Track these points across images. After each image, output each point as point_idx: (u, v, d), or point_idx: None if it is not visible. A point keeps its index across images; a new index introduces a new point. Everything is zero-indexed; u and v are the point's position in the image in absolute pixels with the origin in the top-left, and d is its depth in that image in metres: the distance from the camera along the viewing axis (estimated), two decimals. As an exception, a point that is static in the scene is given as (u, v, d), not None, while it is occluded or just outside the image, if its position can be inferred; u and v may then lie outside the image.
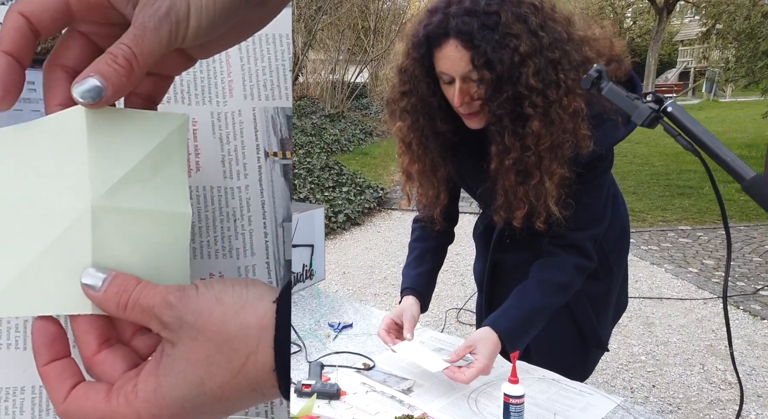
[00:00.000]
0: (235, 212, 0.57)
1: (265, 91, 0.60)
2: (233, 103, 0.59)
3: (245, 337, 0.40)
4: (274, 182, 0.59)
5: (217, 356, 0.40)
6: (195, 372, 0.40)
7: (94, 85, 0.40)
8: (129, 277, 0.42)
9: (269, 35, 0.61)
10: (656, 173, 6.68)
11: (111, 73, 0.40)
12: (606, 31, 1.07)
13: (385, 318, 1.18)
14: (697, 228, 4.71)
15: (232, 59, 0.60)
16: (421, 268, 1.27)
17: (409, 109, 1.06)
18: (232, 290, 0.42)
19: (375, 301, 3.46)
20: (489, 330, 1.06)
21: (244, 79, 0.60)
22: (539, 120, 0.95)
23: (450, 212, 1.30)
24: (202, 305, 0.41)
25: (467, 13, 0.92)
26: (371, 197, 5.50)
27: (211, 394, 0.41)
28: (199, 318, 0.40)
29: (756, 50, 6.77)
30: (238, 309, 0.41)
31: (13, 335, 0.53)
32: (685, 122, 0.79)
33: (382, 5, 10.29)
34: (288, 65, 0.61)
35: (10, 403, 0.53)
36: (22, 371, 0.53)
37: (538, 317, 1.09)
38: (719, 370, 2.59)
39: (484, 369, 1.03)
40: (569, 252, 1.11)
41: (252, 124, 0.59)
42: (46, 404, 0.53)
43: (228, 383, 0.41)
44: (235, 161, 0.58)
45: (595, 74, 0.86)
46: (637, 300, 3.30)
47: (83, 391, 0.41)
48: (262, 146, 0.59)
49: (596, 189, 1.10)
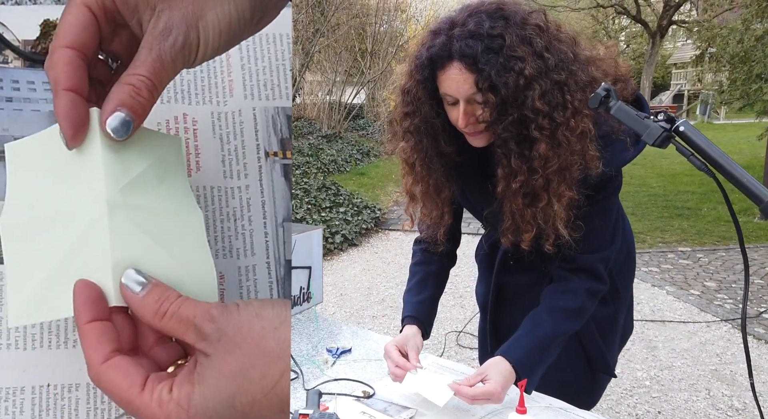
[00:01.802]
0: (236, 212, 0.57)
1: (266, 90, 0.60)
2: (233, 103, 0.59)
3: (282, 353, 0.41)
4: (274, 181, 0.58)
5: (251, 370, 0.40)
6: (228, 386, 0.40)
7: (125, 121, 0.43)
8: (171, 289, 0.42)
9: (269, 35, 0.60)
10: (654, 194, 6.68)
11: (137, 106, 0.43)
12: (611, 51, 1.06)
13: (388, 348, 1.13)
14: (697, 249, 4.69)
15: (233, 59, 0.60)
16: (422, 294, 1.23)
17: (412, 129, 1.04)
18: (271, 307, 0.42)
19: (373, 323, 3.40)
20: (501, 359, 1.02)
21: (244, 79, 0.59)
22: (546, 143, 0.93)
23: (453, 233, 1.27)
24: (242, 319, 0.41)
25: (471, 36, 0.91)
26: (369, 218, 5.47)
27: (241, 410, 0.40)
28: (239, 332, 0.40)
29: (750, 73, 6.83)
30: (277, 325, 0.41)
31: (13, 335, 0.54)
32: (698, 142, 0.77)
33: (379, 28, 10.41)
34: (288, 65, 0.61)
35: (10, 403, 0.52)
36: (22, 371, 0.53)
37: (552, 345, 1.06)
38: (725, 396, 2.53)
39: (494, 393, 0.99)
40: (580, 276, 1.08)
41: (252, 123, 0.59)
42: (46, 404, 0.53)
43: (259, 401, 0.41)
44: (236, 160, 0.58)
45: (603, 93, 0.84)
46: (640, 323, 3.25)
47: (123, 366, 0.41)
48: (263, 146, 0.59)
49: (606, 211, 1.08)
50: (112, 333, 0.42)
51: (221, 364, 0.40)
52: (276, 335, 0.41)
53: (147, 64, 0.42)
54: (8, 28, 0.58)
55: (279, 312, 0.42)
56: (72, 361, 0.53)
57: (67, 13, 0.42)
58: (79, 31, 0.41)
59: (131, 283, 0.42)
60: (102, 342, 0.41)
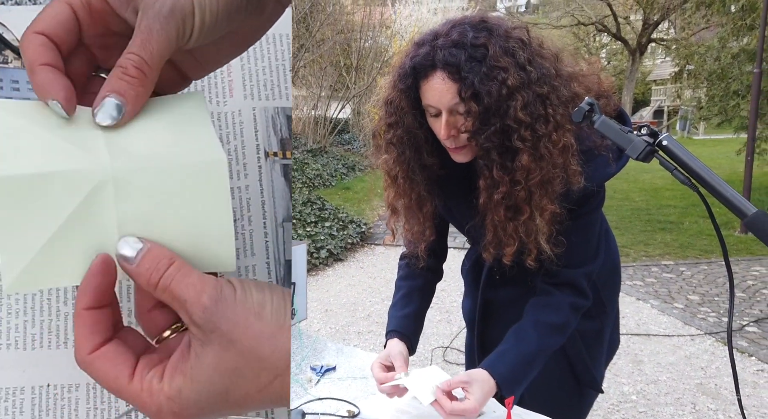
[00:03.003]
0: (235, 212, 0.57)
1: (265, 91, 0.60)
2: (233, 103, 0.59)
3: (277, 360, 0.40)
4: (274, 181, 0.59)
5: (246, 370, 0.39)
6: (222, 382, 0.39)
7: (114, 104, 0.40)
8: (162, 255, 0.40)
9: (269, 35, 0.60)
10: (637, 208, 6.76)
11: (125, 87, 0.40)
12: (593, 67, 1.07)
13: (373, 366, 1.10)
14: (680, 263, 4.74)
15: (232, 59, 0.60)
16: (407, 309, 1.21)
17: (395, 141, 1.04)
18: (271, 304, 0.40)
19: (359, 340, 3.36)
20: (486, 374, 1.01)
21: (244, 79, 0.59)
22: (528, 154, 0.93)
23: (436, 249, 1.26)
24: (239, 315, 0.39)
25: (454, 45, 0.91)
26: (354, 233, 5.45)
27: (234, 403, 0.40)
28: (235, 329, 0.39)
29: (727, 90, 7.00)
30: (275, 331, 0.40)
31: (13, 335, 0.54)
32: (681, 156, 0.77)
33: (364, 43, 10.49)
34: (288, 65, 0.61)
35: (10, 403, 0.52)
36: (22, 371, 0.53)
37: (536, 360, 1.05)
38: (710, 410, 2.53)
39: (472, 411, 0.97)
40: (564, 291, 1.08)
41: (252, 124, 0.59)
42: (46, 404, 0.53)
43: (252, 396, 0.40)
44: (236, 160, 0.58)
45: (586, 107, 0.84)
46: (625, 337, 3.26)
47: (111, 355, 0.40)
48: (263, 146, 0.59)
49: (589, 226, 1.08)
50: (107, 321, 0.41)
51: (217, 360, 0.39)
52: (272, 342, 0.40)
53: (136, 40, 0.40)
54: (8, 28, 0.59)
55: (279, 314, 0.40)
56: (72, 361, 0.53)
57: (48, 6, 0.41)
58: (54, 22, 0.40)
59: (126, 250, 0.40)
60: (93, 331, 0.40)
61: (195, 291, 0.39)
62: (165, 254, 0.40)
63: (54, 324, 0.54)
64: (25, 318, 0.55)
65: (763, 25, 5.23)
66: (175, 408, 0.39)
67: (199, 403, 0.39)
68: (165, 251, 0.40)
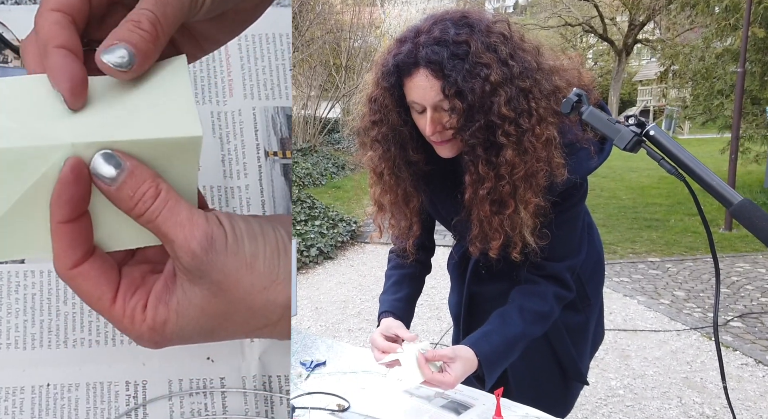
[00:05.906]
0: (235, 212, 0.57)
1: (265, 90, 0.60)
2: (233, 103, 0.59)
3: (268, 312, 0.39)
4: (274, 181, 0.59)
5: (235, 316, 0.39)
6: (209, 323, 0.39)
7: (124, 53, 0.37)
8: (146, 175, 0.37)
9: (269, 35, 0.61)
10: (623, 206, 6.82)
11: (138, 39, 0.37)
12: (573, 62, 1.07)
13: (374, 336, 1.10)
14: (666, 260, 4.79)
15: (232, 59, 0.60)
16: (399, 294, 1.22)
17: (380, 138, 1.04)
18: (263, 256, 0.38)
19: (349, 337, 3.36)
20: (470, 351, 1.03)
21: (244, 79, 0.60)
22: (512, 149, 0.94)
23: (424, 244, 1.27)
24: (230, 266, 0.37)
25: (437, 43, 0.91)
26: (344, 231, 5.44)
27: (219, 339, 0.40)
28: (225, 279, 0.37)
29: (712, 89, 7.09)
30: (267, 285, 0.38)
31: (13, 335, 0.54)
32: (669, 146, 0.78)
33: (353, 43, 10.48)
34: (288, 65, 0.62)
35: (10, 403, 0.53)
36: (22, 371, 0.53)
37: (518, 345, 1.07)
38: (696, 403, 2.57)
39: (449, 384, 1.00)
40: (549, 281, 1.09)
41: (252, 123, 0.59)
42: (46, 404, 0.53)
43: (239, 335, 0.41)
44: (235, 160, 0.58)
45: (574, 98, 0.84)
46: (613, 332, 3.29)
47: (94, 273, 0.38)
48: (262, 146, 0.59)
49: (572, 219, 1.09)
50: (86, 233, 0.39)
51: (205, 303, 0.38)
52: (264, 296, 0.38)
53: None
54: (8, 28, 0.58)
55: (272, 267, 0.38)
56: (72, 361, 0.53)
57: None
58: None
59: (103, 168, 0.37)
60: (74, 246, 0.38)
61: (183, 235, 0.36)
62: (149, 175, 0.37)
63: (54, 323, 0.54)
64: (25, 318, 0.55)
65: (747, 25, 5.31)
66: (157, 338, 0.39)
67: (183, 337, 0.39)
68: (148, 172, 0.37)
